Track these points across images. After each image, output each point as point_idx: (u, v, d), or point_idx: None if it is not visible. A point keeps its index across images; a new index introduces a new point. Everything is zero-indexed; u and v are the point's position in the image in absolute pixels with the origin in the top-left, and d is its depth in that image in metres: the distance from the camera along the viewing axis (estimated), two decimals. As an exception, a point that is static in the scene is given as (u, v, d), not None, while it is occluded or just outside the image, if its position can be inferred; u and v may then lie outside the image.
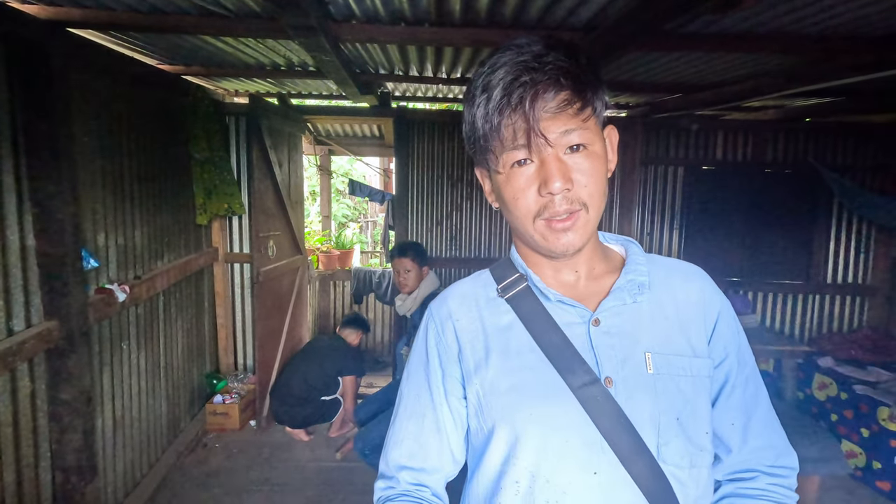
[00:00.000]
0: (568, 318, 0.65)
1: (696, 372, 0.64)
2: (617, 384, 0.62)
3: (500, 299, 0.69)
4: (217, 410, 3.12)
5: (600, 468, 0.60)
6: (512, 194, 0.62)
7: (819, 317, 3.66)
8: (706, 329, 0.67)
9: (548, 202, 0.60)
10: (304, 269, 3.69)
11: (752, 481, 0.68)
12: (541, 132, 0.57)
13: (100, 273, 2.12)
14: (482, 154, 0.64)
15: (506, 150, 0.60)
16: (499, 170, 0.62)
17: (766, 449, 0.68)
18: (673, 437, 0.61)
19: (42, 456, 1.81)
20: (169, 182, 2.71)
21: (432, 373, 0.71)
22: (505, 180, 0.63)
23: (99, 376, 2.10)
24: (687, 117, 3.38)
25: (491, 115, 0.58)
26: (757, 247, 3.61)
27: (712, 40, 1.82)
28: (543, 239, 0.62)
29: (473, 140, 0.63)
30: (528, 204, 0.61)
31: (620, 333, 0.64)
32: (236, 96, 3.56)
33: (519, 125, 0.58)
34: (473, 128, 0.62)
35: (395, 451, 0.71)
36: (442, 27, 1.88)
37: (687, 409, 0.63)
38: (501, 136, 0.59)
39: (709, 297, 0.69)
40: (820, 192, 3.46)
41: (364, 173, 8.13)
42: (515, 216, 0.64)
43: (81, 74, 1.98)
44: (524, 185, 0.61)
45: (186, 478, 2.66)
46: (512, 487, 0.63)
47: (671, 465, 0.61)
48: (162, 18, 1.81)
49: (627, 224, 3.56)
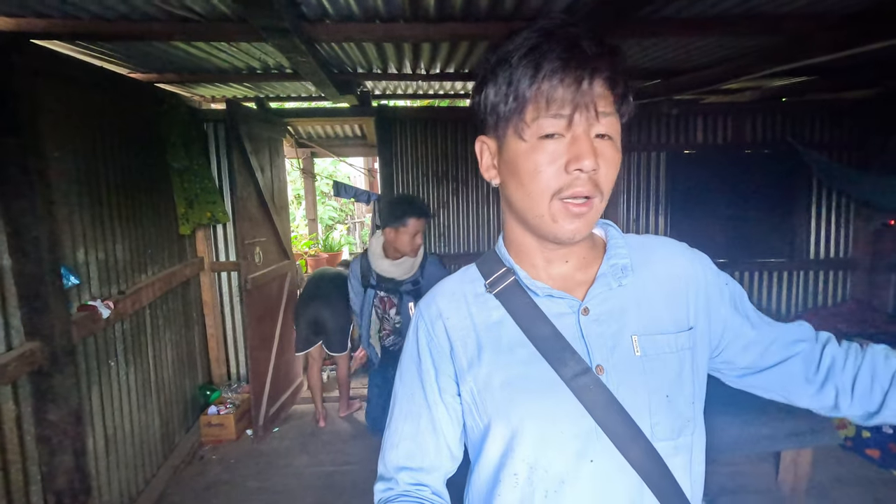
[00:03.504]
0: (558, 310, 0.65)
1: (680, 346, 0.66)
2: (608, 371, 0.63)
3: (489, 295, 0.69)
4: (212, 422, 3.08)
5: (596, 456, 0.61)
6: (534, 166, 0.59)
7: (804, 292, 3.73)
8: (692, 303, 0.68)
9: (572, 180, 0.58)
10: (293, 274, 3.66)
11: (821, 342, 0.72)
12: (593, 105, 0.56)
13: (81, 290, 2.07)
14: (507, 119, 0.60)
15: (542, 118, 0.57)
16: (525, 137, 0.59)
17: (801, 336, 0.72)
18: (664, 415, 0.63)
19: (32, 479, 1.77)
20: (148, 193, 2.65)
21: (425, 372, 0.70)
22: (529, 150, 0.59)
23: (87, 395, 2.06)
24: (666, 102, 3.40)
25: (541, 75, 0.55)
26: (741, 227, 3.67)
27: (688, 24, 1.83)
28: (553, 221, 0.60)
29: (503, 102, 0.59)
30: (548, 179, 0.59)
31: (609, 320, 0.65)
32: (213, 102, 3.50)
33: (568, 94, 0.55)
34: (510, 88, 0.58)
35: (393, 452, 0.70)
36: (417, 22, 1.86)
37: (675, 385, 0.64)
38: (545, 101, 0.56)
39: (692, 271, 0.69)
40: (799, 171, 3.52)
41: (348, 174, 8.07)
42: (529, 191, 0.61)
43: (50, 87, 1.92)
44: (550, 160, 0.58)
45: (184, 492, 2.62)
46: (510, 479, 0.64)
47: (661, 441, 0.62)
48: (129, 26, 1.76)
49: (613, 211, 3.58)
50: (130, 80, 2.56)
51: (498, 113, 0.61)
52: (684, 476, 0.64)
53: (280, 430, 3.24)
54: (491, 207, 3.69)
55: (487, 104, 0.62)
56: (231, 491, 2.62)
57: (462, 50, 2.34)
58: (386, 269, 2.28)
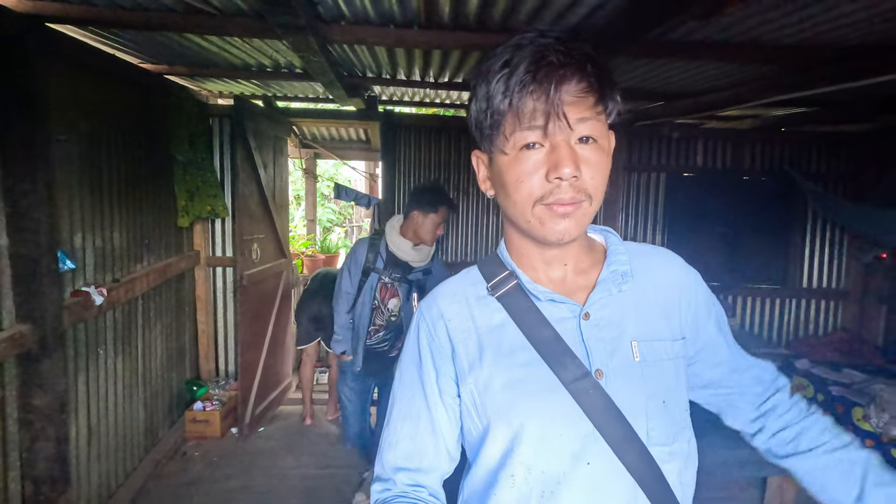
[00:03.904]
0: (559, 314, 0.66)
1: (676, 353, 0.68)
2: (607, 375, 0.64)
3: (491, 298, 0.69)
4: (197, 418, 3.03)
5: (593, 459, 0.62)
6: (516, 177, 0.61)
7: (796, 320, 3.75)
8: (684, 314, 0.71)
9: (553, 188, 0.59)
10: (289, 273, 3.64)
11: (784, 403, 0.78)
12: (563, 114, 0.57)
13: (76, 275, 2.06)
14: (489, 134, 0.62)
15: (518, 130, 0.59)
16: (506, 151, 0.61)
17: (762, 375, 0.79)
18: (660, 420, 0.64)
19: (11, 465, 1.73)
20: (150, 183, 2.64)
21: (426, 373, 0.70)
22: (510, 162, 0.61)
23: (74, 382, 2.03)
24: (668, 125, 3.46)
25: (511, 90, 0.57)
26: (736, 252, 3.70)
27: (694, 48, 1.87)
28: (541, 224, 0.62)
29: (484, 117, 0.61)
30: (531, 188, 0.60)
31: (609, 325, 0.66)
32: (220, 98, 3.51)
33: (539, 105, 0.57)
34: (487, 104, 0.60)
35: (391, 452, 0.70)
36: (431, 30, 1.89)
37: (671, 391, 0.66)
38: (518, 114, 0.58)
39: (686, 283, 0.73)
40: (795, 199, 3.57)
41: (350, 177, 8.09)
42: (514, 201, 0.63)
43: (60, 71, 1.93)
44: (531, 169, 0.60)
45: (165, 487, 2.57)
46: (508, 480, 0.64)
47: (657, 446, 0.64)
48: (146, 16, 1.77)
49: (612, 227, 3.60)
50: (141, 69, 2.57)
51: (481, 128, 0.63)
52: (676, 482, 0.65)
53: (266, 429, 3.19)
54: (491, 217, 3.71)
55: (472, 120, 0.64)
56: (213, 488, 2.57)
57: (472, 60, 2.37)
58: (405, 251, 2.24)
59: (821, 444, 0.72)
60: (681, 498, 0.65)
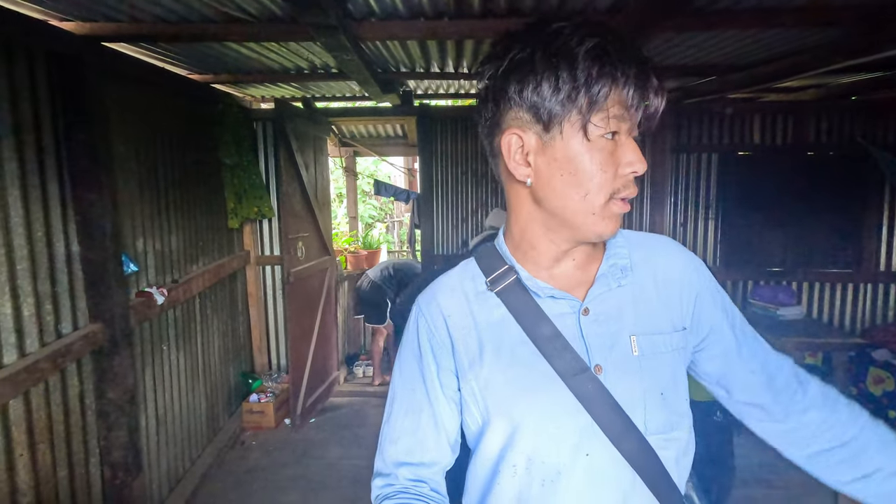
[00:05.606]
0: (559, 310, 0.66)
1: (675, 346, 0.68)
2: (606, 370, 0.64)
3: (490, 293, 0.68)
4: (253, 409, 3.20)
5: (592, 450, 0.64)
6: (599, 165, 0.58)
7: (872, 307, 3.43)
8: (685, 303, 0.70)
9: (627, 182, 0.60)
10: (333, 269, 3.75)
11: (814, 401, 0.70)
12: (656, 110, 0.59)
13: (139, 277, 2.21)
14: (563, 117, 0.57)
15: (611, 119, 0.57)
16: (590, 137, 0.57)
17: (790, 380, 0.71)
18: (658, 411, 0.65)
19: (91, 452, 1.90)
20: (201, 188, 2.79)
21: (426, 367, 0.70)
22: (590, 148, 0.58)
23: (142, 376, 2.19)
24: (720, 101, 3.23)
25: (621, 80, 0.55)
26: (800, 235, 3.42)
27: (747, 16, 1.73)
28: (602, 219, 0.61)
29: (565, 99, 0.56)
30: (609, 179, 0.59)
31: (608, 320, 0.66)
32: (262, 102, 3.64)
33: (636, 99, 0.57)
34: (577, 86, 0.55)
35: (392, 447, 0.71)
36: (462, 19, 1.86)
37: (670, 383, 0.67)
38: (620, 101, 0.56)
39: (688, 273, 0.71)
40: (870, 175, 3.25)
41: (389, 173, 8.20)
42: (586, 189, 0.59)
43: (116, 85, 2.06)
44: (611, 160, 0.59)
45: (226, 474, 2.74)
46: (510, 470, 0.66)
47: (655, 435, 0.65)
48: (187, 28, 1.86)
49: (659, 216, 3.44)
50: (189, 80, 2.71)
51: (550, 109, 0.57)
52: (674, 467, 0.66)
53: (316, 420, 3.32)
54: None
55: (531, 98, 0.57)
56: (270, 477, 2.71)
57: (505, 47, 2.31)
58: None
59: (884, 465, 0.65)
60: (677, 481, 0.67)
